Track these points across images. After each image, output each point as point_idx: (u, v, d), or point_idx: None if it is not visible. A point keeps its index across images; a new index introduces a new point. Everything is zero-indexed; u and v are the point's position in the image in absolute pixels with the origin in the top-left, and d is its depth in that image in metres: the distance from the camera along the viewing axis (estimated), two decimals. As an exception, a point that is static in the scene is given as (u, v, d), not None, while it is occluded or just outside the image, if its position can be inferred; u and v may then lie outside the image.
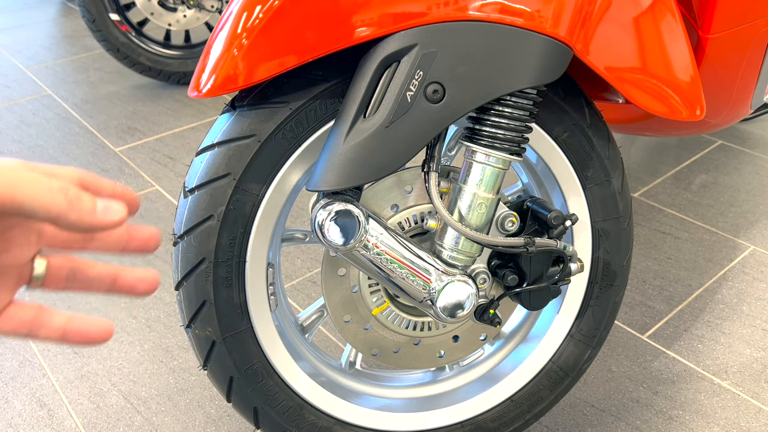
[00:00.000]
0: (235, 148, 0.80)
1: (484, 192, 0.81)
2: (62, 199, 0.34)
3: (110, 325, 0.42)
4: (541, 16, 0.72)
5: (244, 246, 0.84)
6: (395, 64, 0.73)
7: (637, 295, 1.49)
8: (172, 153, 2.12)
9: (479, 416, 1.04)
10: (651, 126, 1.25)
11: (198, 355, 0.89)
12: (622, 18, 0.79)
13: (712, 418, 1.21)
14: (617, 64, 0.79)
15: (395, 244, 0.81)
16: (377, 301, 0.93)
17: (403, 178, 0.88)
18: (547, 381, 1.04)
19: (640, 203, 1.81)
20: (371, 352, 0.97)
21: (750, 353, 1.34)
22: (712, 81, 1.07)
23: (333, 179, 0.74)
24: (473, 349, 1.02)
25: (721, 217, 1.75)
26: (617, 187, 0.94)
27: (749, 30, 1.07)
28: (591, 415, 1.22)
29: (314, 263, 1.62)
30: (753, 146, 2.07)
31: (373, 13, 0.71)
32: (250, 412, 0.93)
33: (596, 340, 1.03)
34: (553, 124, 0.88)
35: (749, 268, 1.57)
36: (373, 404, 1.01)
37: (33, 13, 3.34)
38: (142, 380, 1.30)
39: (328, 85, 0.79)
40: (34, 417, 1.23)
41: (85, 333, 0.41)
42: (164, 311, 1.47)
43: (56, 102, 2.45)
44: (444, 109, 0.73)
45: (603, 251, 0.97)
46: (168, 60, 2.49)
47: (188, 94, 0.78)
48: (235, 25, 0.74)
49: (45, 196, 0.34)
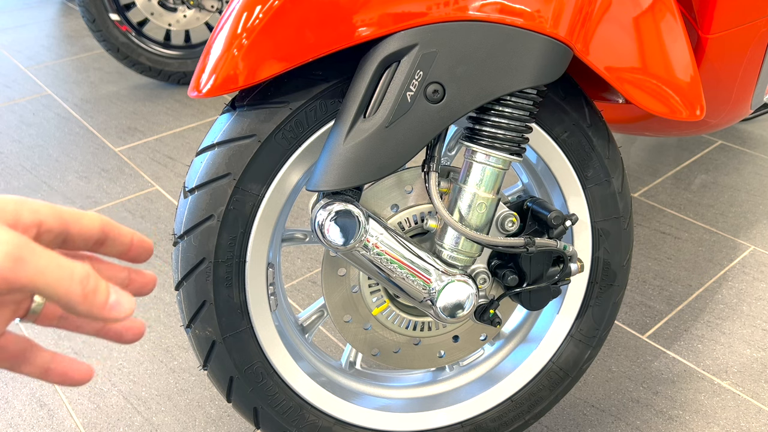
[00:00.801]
0: (235, 148, 0.80)
1: (484, 192, 0.81)
2: (79, 291, 0.36)
3: (90, 369, 0.44)
4: (541, 16, 0.72)
5: (244, 246, 0.84)
6: (395, 64, 0.73)
7: (637, 295, 1.49)
8: (172, 153, 2.12)
9: (479, 416, 1.04)
10: (651, 126, 1.25)
11: (198, 355, 0.89)
12: (622, 18, 0.79)
13: (712, 418, 1.21)
14: (617, 64, 0.79)
15: (395, 244, 0.81)
16: (377, 301, 0.93)
17: (403, 178, 0.88)
18: (547, 381, 1.04)
19: (640, 203, 1.81)
20: (371, 352, 0.97)
21: (750, 353, 1.34)
22: (712, 81, 1.07)
23: (333, 179, 0.74)
24: (473, 349, 1.02)
25: (721, 217, 1.75)
26: (617, 187, 0.94)
27: (749, 30, 1.07)
28: (591, 415, 1.22)
29: (314, 263, 1.62)
30: (753, 146, 2.07)
31: (373, 13, 0.71)
32: (250, 412, 0.93)
33: (596, 340, 1.03)
34: (553, 124, 0.88)
35: (749, 268, 1.57)
36: (373, 404, 1.01)
37: (33, 13, 3.34)
38: (142, 380, 1.30)
39: (328, 85, 0.79)
40: (34, 417, 1.23)
41: (66, 374, 0.42)
42: (164, 311, 1.47)
43: (56, 102, 2.45)
44: (444, 109, 0.73)
45: (603, 251, 0.97)
46: (168, 60, 2.49)
47: (188, 94, 0.78)
48: (235, 25, 0.74)
49: (63, 285, 0.36)
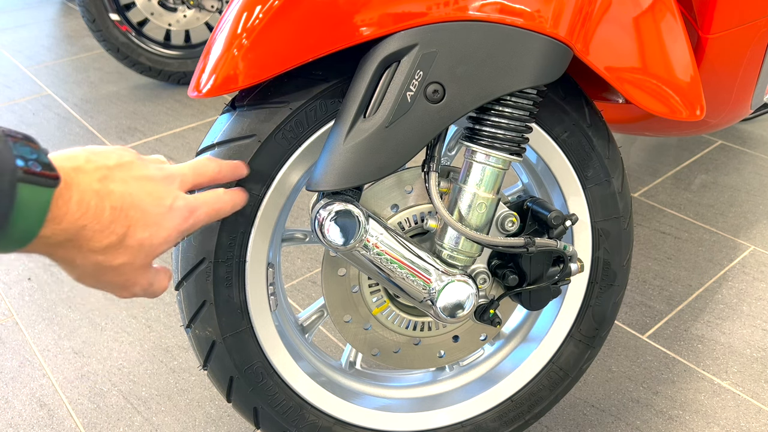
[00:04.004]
0: (235, 148, 0.80)
1: (484, 192, 0.81)
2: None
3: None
4: (541, 16, 0.72)
5: (244, 246, 0.84)
6: (395, 64, 0.73)
7: (637, 295, 1.49)
8: (172, 153, 2.12)
9: (479, 416, 1.04)
10: (651, 126, 1.25)
11: (198, 355, 0.89)
12: (622, 18, 0.79)
13: (712, 418, 1.21)
14: (617, 64, 0.79)
15: (395, 244, 0.81)
16: (377, 301, 0.93)
17: (403, 178, 0.88)
18: (547, 381, 1.04)
19: (640, 203, 1.81)
20: (371, 352, 0.97)
21: (750, 353, 1.34)
22: (712, 81, 1.07)
23: (333, 179, 0.74)
24: (473, 349, 1.02)
25: (721, 217, 1.75)
26: (617, 187, 0.94)
27: (749, 30, 1.07)
28: (591, 415, 1.22)
29: (314, 263, 1.62)
30: (753, 146, 2.07)
31: (373, 13, 0.71)
32: (250, 412, 0.93)
33: (596, 340, 1.03)
34: (553, 124, 0.88)
35: (749, 268, 1.57)
36: (373, 404, 1.01)
37: (33, 13, 3.34)
38: (142, 380, 1.30)
39: (328, 85, 0.79)
40: (34, 417, 1.23)
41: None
42: (164, 311, 1.47)
43: (56, 102, 2.45)
44: (444, 109, 0.73)
45: (603, 251, 0.97)
46: (168, 60, 2.49)
47: (188, 94, 0.78)
48: (235, 25, 0.74)
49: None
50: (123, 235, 0.51)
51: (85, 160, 0.51)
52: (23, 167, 0.43)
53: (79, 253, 0.49)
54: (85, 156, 0.51)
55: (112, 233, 0.50)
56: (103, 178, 0.51)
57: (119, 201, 0.51)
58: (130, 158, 0.55)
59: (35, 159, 0.44)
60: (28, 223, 0.44)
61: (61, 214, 0.46)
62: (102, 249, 0.50)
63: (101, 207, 0.49)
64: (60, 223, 0.46)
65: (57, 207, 0.45)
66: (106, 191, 0.50)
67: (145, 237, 0.53)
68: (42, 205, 0.44)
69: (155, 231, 0.54)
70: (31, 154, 0.44)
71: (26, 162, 0.43)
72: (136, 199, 0.52)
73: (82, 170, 0.49)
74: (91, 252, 0.50)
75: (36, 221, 0.44)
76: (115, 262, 0.52)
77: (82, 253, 0.49)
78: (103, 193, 0.50)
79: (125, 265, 0.53)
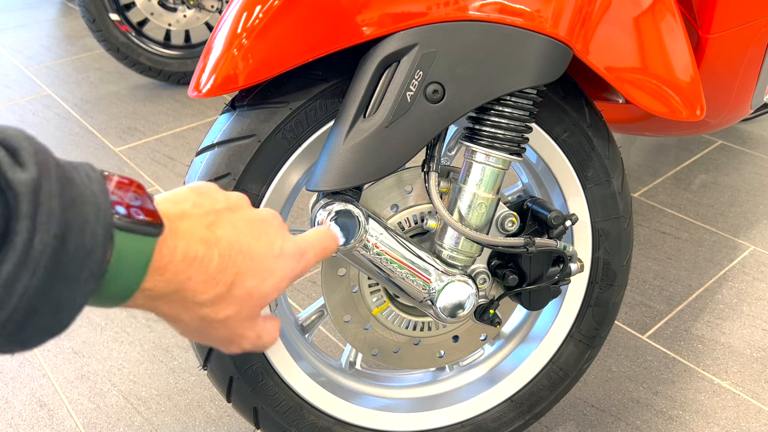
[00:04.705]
0: (235, 148, 0.80)
1: (484, 192, 0.81)
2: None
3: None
4: (541, 16, 0.72)
5: (244, 246, 0.84)
6: (395, 64, 0.73)
7: (637, 295, 1.49)
8: (172, 153, 2.12)
9: (479, 416, 1.04)
10: (651, 126, 1.25)
11: (198, 355, 0.89)
12: (622, 18, 0.79)
13: (712, 418, 1.21)
14: (617, 64, 0.79)
15: (395, 244, 0.81)
16: (377, 301, 0.93)
17: (403, 178, 0.88)
18: (547, 381, 1.04)
19: (640, 203, 1.81)
20: (371, 352, 0.97)
21: (750, 353, 1.34)
22: (712, 81, 1.07)
23: (333, 179, 0.74)
24: (473, 349, 1.02)
25: (721, 217, 1.75)
26: (617, 187, 0.94)
27: (749, 30, 1.07)
28: (591, 415, 1.22)
29: (314, 263, 1.62)
30: (753, 146, 2.07)
31: (373, 13, 0.71)
32: (250, 412, 0.93)
33: (596, 340, 1.03)
34: (553, 124, 0.88)
35: (749, 268, 1.57)
36: (373, 404, 1.01)
37: (33, 13, 3.34)
38: (142, 380, 1.30)
39: (328, 85, 0.79)
40: (34, 417, 1.23)
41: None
42: (164, 311, 1.47)
43: (56, 102, 2.45)
44: (444, 109, 0.73)
45: (603, 251, 0.97)
46: (168, 60, 2.49)
47: (188, 94, 0.78)
48: (235, 25, 0.74)
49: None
50: (230, 284, 0.47)
51: (192, 204, 0.47)
52: (125, 214, 0.39)
53: (183, 305, 0.46)
54: (192, 200, 0.47)
55: (218, 283, 0.46)
56: (211, 224, 0.47)
57: (227, 249, 0.47)
58: (238, 199, 0.51)
59: (138, 205, 0.41)
60: (128, 274, 0.40)
61: (164, 264, 0.42)
62: (208, 301, 0.46)
63: (209, 256, 0.45)
64: (163, 273, 0.43)
65: (161, 256, 0.42)
66: (214, 239, 0.46)
67: (254, 285, 0.49)
68: (144, 256, 0.41)
69: (265, 278, 0.49)
70: (135, 201, 0.41)
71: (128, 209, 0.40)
72: (245, 245, 0.48)
73: (188, 216, 0.46)
74: (197, 305, 0.46)
75: (137, 273, 0.41)
76: (221, 314, 0.48)
77: (187, 305, 0.46)
78: (212, 240, 0.46)
79: (232, 317, 0.49)
